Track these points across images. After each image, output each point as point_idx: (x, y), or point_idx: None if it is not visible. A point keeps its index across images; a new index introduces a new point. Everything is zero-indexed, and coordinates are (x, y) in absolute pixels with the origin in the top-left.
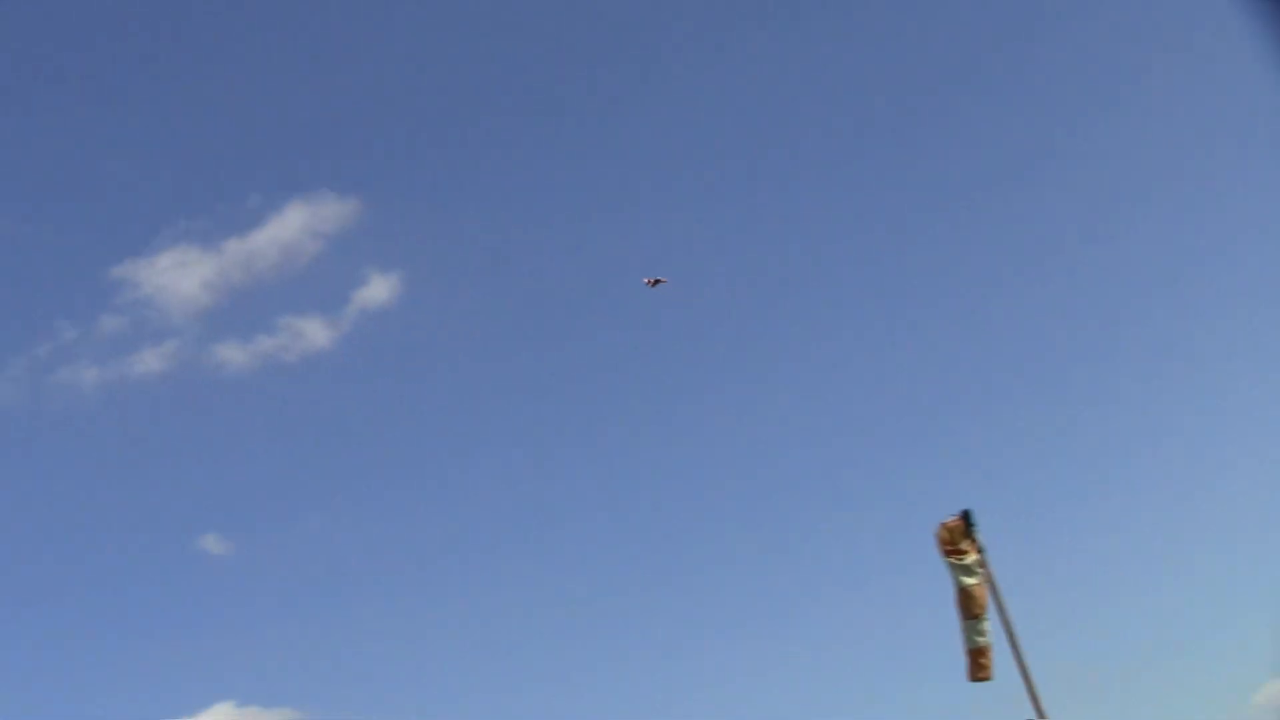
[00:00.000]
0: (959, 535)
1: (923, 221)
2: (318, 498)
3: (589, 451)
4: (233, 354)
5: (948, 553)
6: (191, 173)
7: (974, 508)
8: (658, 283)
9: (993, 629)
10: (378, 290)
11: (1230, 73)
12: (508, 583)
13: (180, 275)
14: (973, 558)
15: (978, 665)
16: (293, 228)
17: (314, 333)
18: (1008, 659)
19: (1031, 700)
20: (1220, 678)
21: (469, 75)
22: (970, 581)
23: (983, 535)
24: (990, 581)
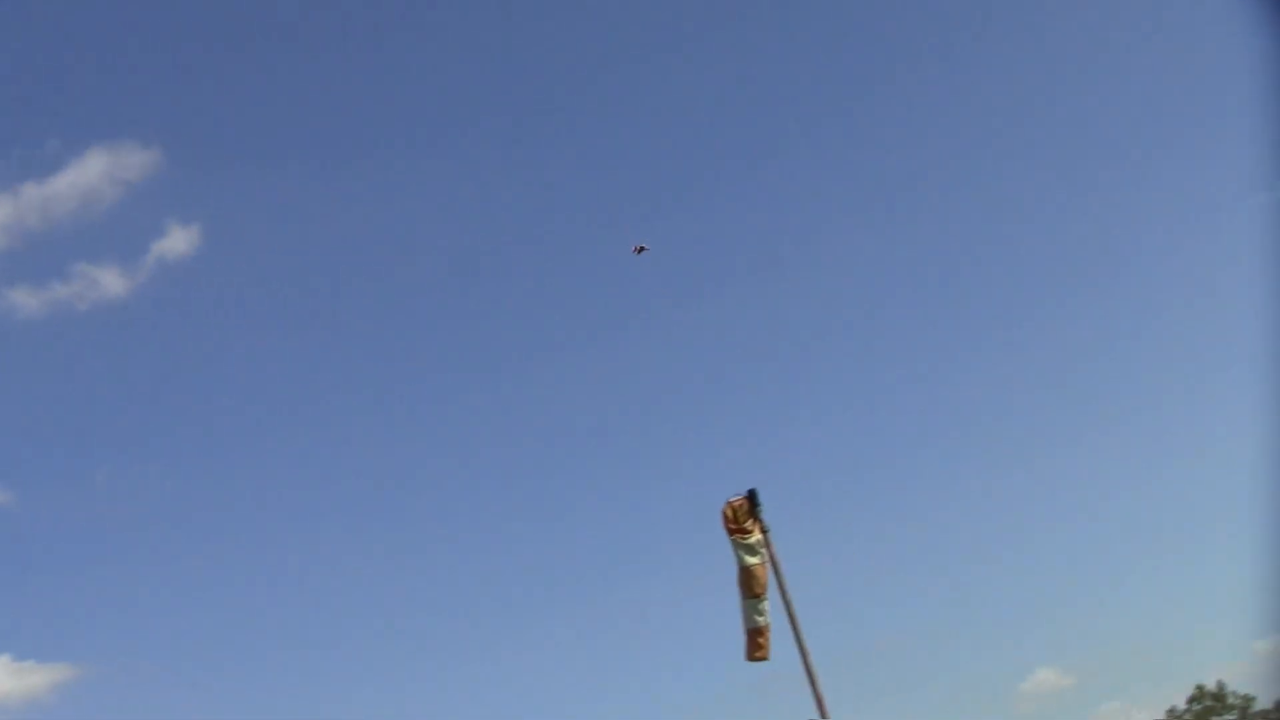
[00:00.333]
0: (743, 514)
1: (696, 210)
2: (106, 450)
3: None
4: (25, 299)
5: (732, 531)
6: None
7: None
8: (642, 250)
9: (772, 610)
10: (177, 242)
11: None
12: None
13: None
14: (756, 537)
15: (755, 645)
16: (93, 175)
17: (110, 282)
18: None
19: (809, 681)
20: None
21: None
22: (752, 561)
23: (767, 515)
24: (773, 561)
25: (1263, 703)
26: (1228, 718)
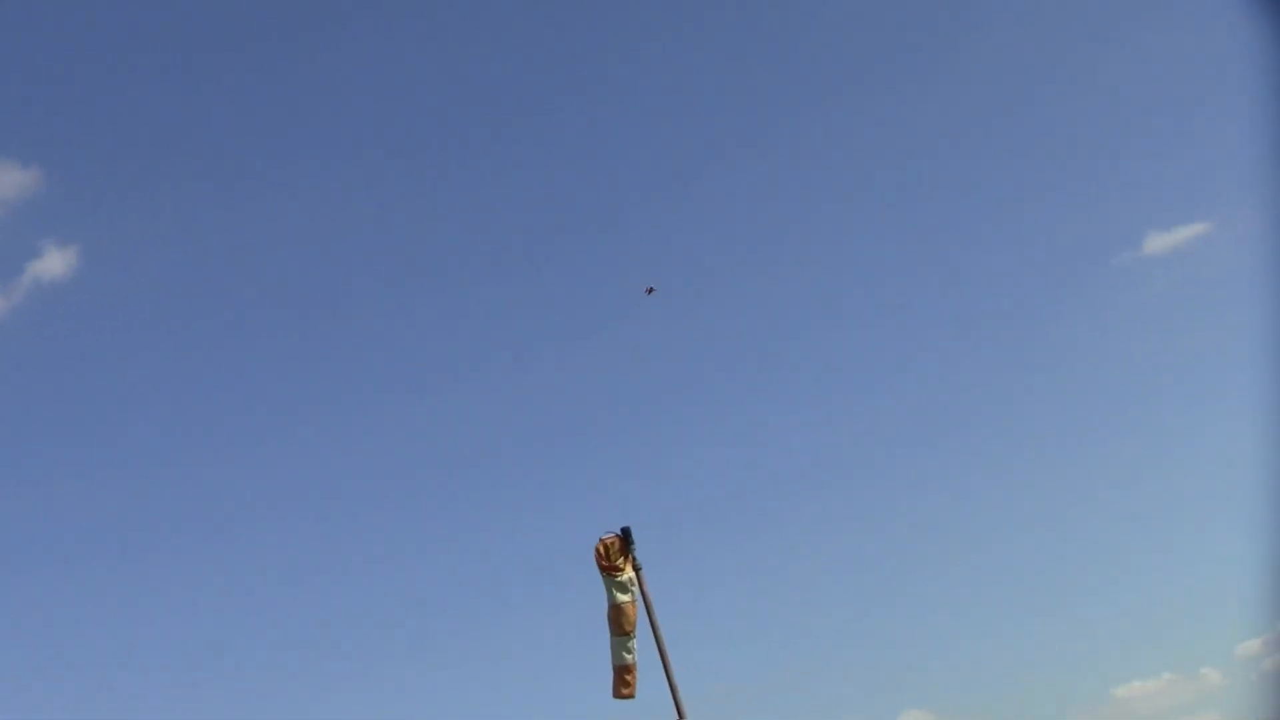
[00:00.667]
0: (616, 552)
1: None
2: None
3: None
4: None
5: (604, 568)
6: None
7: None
8: (651, 291)
9: (640, 648)
10: (54, 263)
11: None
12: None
13: None
14: (628, 575)
15: (622, 682)
16: None
17: None
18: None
19: (679, 718)
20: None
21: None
22: (623, 599)
23: (639, 554)
24: (645, 600)
25: None
26: None
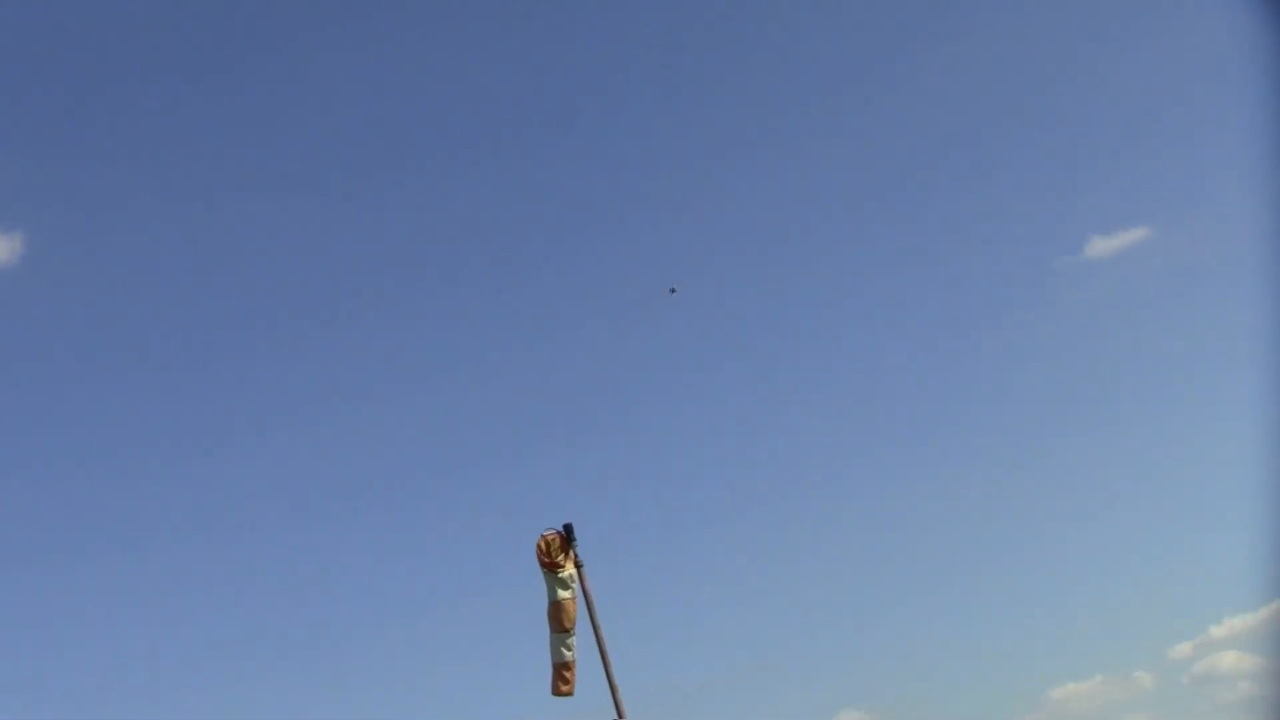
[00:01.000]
0: (557, 549)
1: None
2: None
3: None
4: None
5: (545, 565)
6: None
7: (576, 522)
8: (673, 291)
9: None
10: None
11: None
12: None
13: None
14: (569, 571)
15: (561, 679)
16: None
17: None
18: (599, 675)
19: (618, 716)
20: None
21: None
22: (564, 595)
23: (581, 551)
24: (586, 597)
25: None
26: None
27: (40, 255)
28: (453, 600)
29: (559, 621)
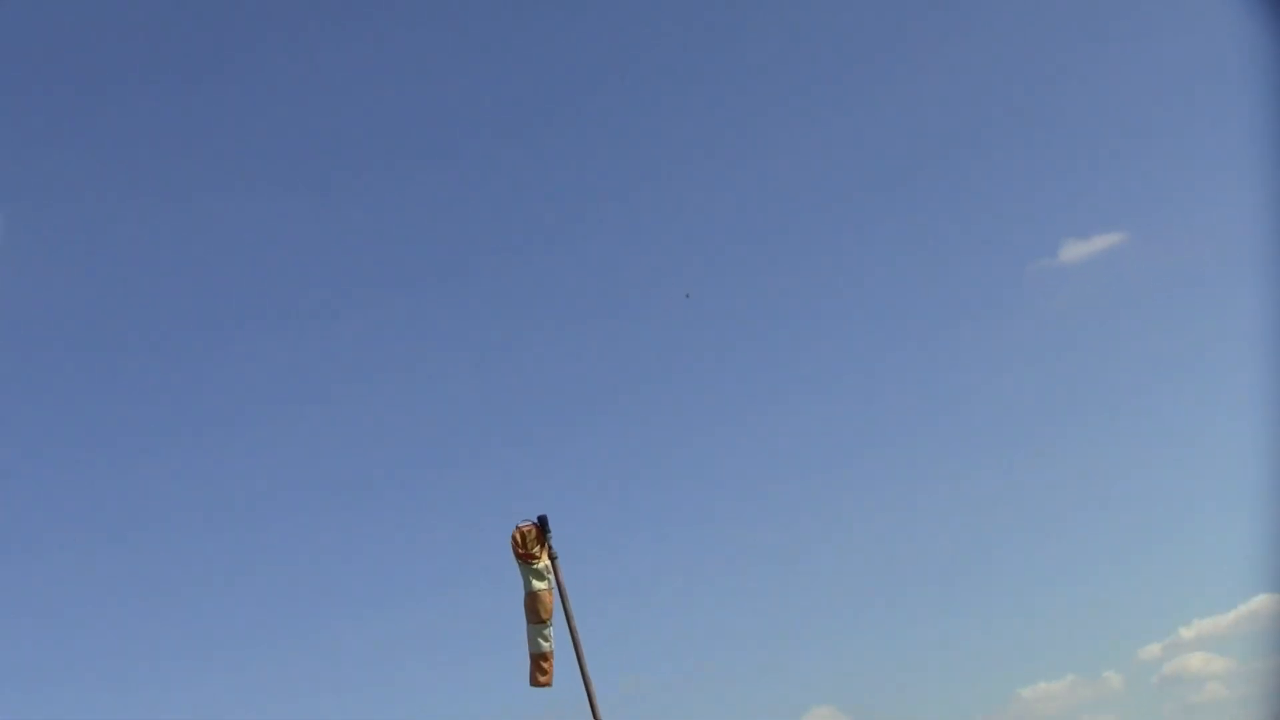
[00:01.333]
0: (532, 540)
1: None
2: None
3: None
4: None
5: (520, 556)
6: None
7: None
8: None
9: (557, 636)
10: None
11: None
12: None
13: None
14: (544, 563)
15: (539, 670)
16: None
17: None
18: (575, 667)
19: (591, 709)
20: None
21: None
22: (540, 586)
23: (556, 542)
24: (560, 589)
25: None
26: None
27: (20, 237)
28: (432, 593)
29: (535, 613)
